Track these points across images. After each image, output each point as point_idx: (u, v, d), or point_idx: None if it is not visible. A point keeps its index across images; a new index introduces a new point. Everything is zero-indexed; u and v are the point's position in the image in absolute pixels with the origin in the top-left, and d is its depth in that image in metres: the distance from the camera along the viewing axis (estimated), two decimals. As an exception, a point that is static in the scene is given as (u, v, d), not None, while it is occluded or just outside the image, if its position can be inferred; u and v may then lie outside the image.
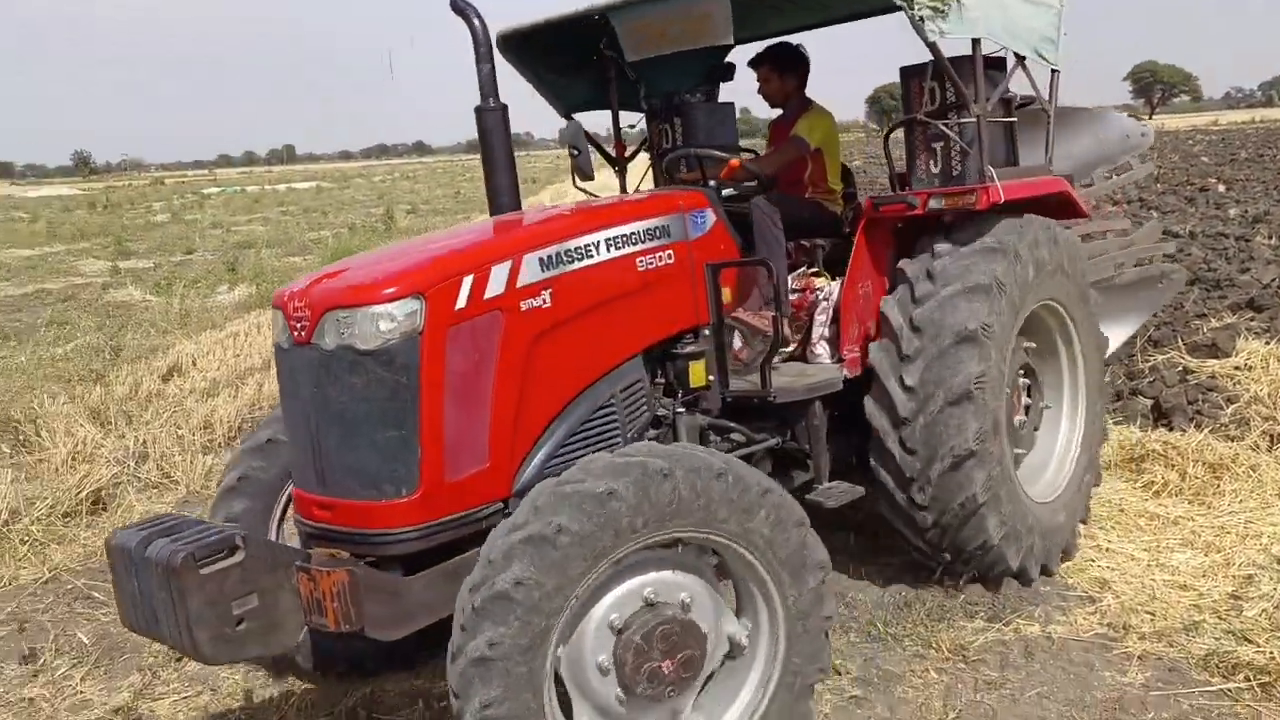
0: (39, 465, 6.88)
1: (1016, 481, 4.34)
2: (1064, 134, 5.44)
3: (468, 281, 3.13)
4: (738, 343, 4.29)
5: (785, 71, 4.88)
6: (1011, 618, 4.16)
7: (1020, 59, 4.48)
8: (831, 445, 4.30)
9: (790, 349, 4.55)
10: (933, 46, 3.97)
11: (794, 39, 5.12)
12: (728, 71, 5.73)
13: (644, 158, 5.72)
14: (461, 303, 3.11)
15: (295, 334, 3.11)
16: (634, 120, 5.67)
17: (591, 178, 4.54)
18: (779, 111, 5.11)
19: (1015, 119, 4.63)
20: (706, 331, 4.01)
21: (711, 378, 4.03)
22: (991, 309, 4.06)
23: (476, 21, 3.91)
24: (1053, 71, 4.73)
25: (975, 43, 4.15)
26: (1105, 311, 5.47)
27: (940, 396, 4.00)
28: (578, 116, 5.57)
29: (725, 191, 4.52)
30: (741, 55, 5.42)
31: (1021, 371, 4.63)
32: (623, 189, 5.54)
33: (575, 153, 4.47)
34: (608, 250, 3.57)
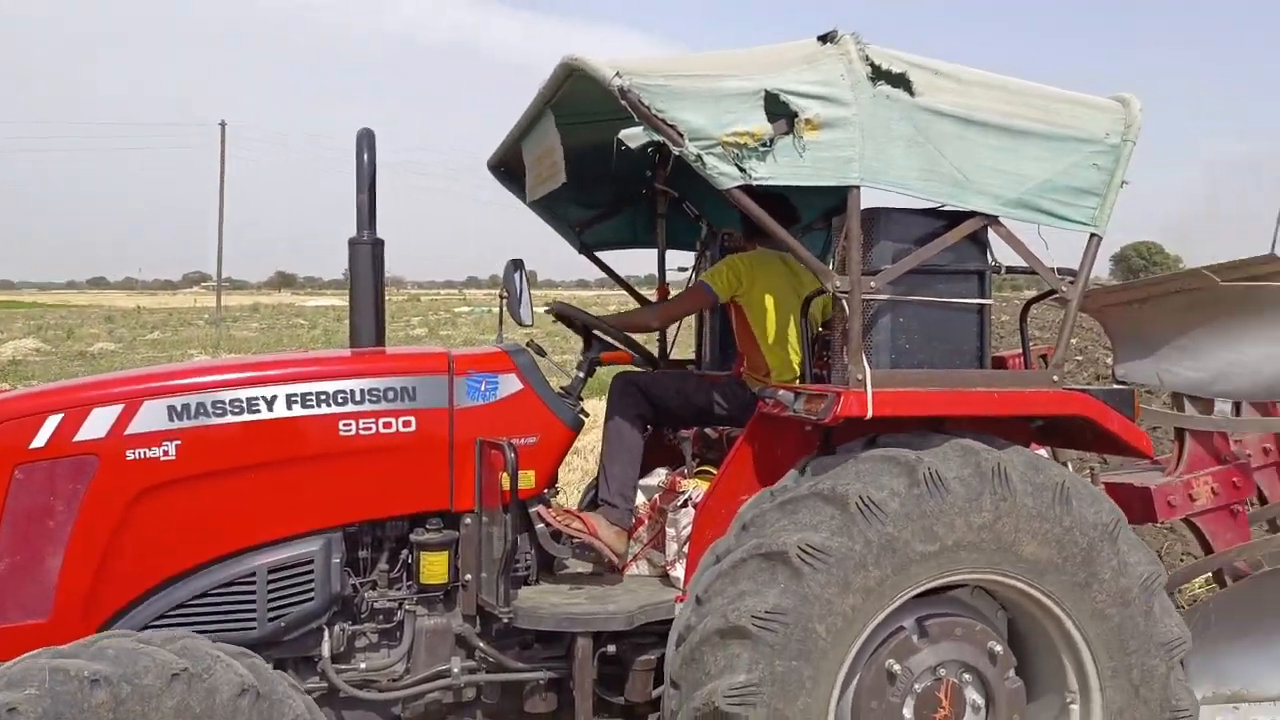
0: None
1: None
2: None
3: (53, 421, 2.96)
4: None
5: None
6: None
7: (988, 219, 3.07)
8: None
9: (639, 562, 3.59)
10: (738, 193, 2.88)
11: None
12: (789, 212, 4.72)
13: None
14: (40, 442, 2.94)
15: None
16: (684, 263, 4.96)
17: (526, 324, 4.03)
18: None
19: (989, 301, 3.17)
20: (468, 520, 3.31)
21: (468, 577, 3.31)
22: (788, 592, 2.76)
23: (366, 155, 3.75)
24: (1091, 237, 3.18)
25: (852, 192, 2.94)
26: None
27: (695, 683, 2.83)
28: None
29: None
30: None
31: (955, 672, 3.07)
32: (662, 337, 4.84)
33: (504, 296, 4.05)
34: (287, 407, 3.14)
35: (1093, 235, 3.16)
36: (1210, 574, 4.41)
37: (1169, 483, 3.83)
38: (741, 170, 2.81)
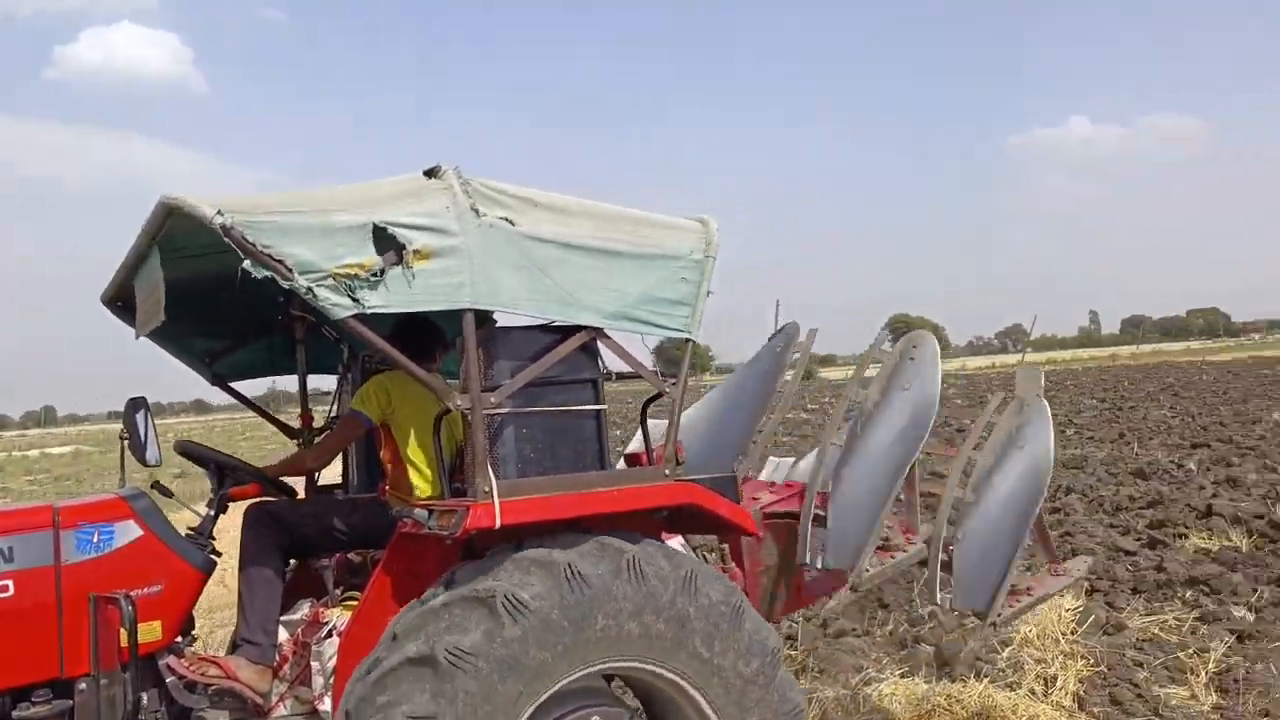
0: None
1: None
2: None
3: None
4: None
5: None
6: None
7: (595, 331, 3.37)
8: None
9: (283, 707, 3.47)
10: (353, 322, 2.96)
11: None
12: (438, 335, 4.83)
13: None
14: None
15: None
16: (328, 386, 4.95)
17: (153, 464, 3.79)
18: None
19: (602, 406, 3.47)
20: (83, 685, 3.05)
21: (88, 749, 3.04)
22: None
23: None
24: (687, 341, 3.57)
25: (465, 314, 3.12)
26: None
27: None
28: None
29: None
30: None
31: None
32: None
33: (125, 437, 3.80)
34: None
35: (688, 339, 3.55)
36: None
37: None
38: (354, 300, 2.90)
